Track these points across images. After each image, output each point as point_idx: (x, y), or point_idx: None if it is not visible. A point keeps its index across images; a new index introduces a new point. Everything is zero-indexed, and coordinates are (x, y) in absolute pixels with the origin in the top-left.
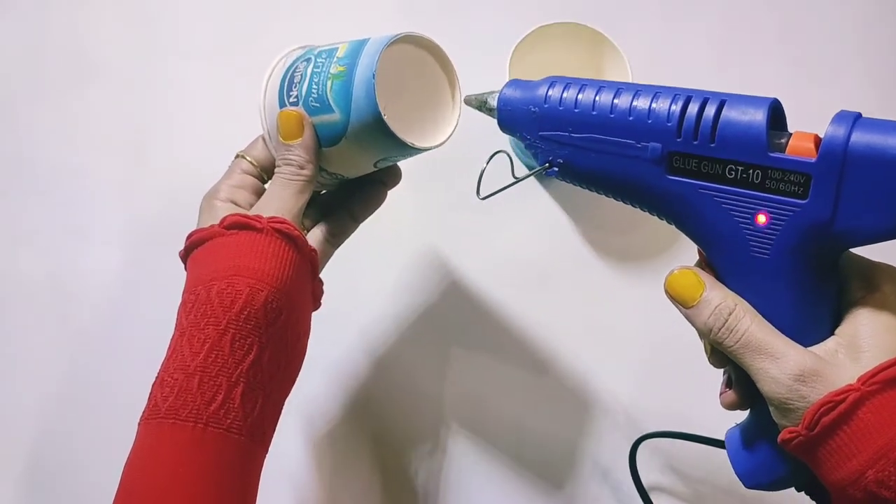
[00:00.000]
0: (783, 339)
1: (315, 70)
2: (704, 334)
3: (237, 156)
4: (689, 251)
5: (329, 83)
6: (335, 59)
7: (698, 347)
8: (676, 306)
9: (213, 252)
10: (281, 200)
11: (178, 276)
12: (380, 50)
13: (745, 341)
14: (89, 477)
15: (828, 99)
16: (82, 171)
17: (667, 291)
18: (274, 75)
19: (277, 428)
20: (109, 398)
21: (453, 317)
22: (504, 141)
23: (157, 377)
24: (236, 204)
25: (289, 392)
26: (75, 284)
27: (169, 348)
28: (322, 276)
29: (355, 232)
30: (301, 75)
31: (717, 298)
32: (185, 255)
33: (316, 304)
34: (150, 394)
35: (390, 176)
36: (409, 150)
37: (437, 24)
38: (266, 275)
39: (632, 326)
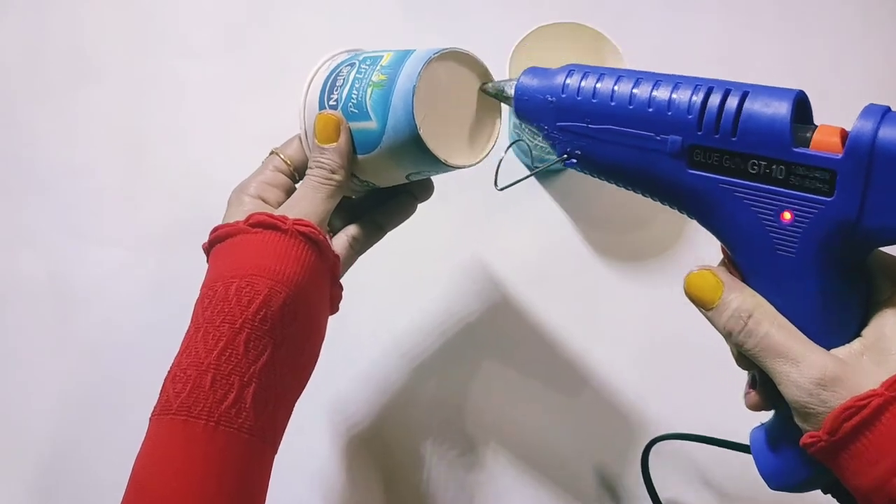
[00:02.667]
0: (805, 341)
1: (358, 76)
2: (725, 337)
3: (271, 152)
4: (692, 251)
5: (369, 91)
6: (379, 66)
7: (702, 347)
8: (698, 308)
9: (236, 249)
10: (309, 203)
11: (178, 275)
12: (423, 63)
13: (764, 345)
14: (90, 476)
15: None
16: (83, 172)
17: (686, 292)
18: (318, 76)
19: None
20: (110, 397)
21: (453, 321)
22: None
23: (169, 371)
24: (265, 201)
25: (299, 395)
26: (76, 284)
27: (183, 342)
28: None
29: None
30: (343, 79)
31: (737, 300)
32: (209, 249)
33: (334, 309)
34: (163, 388)
35: (421, 189)
36: (441, 166)
37: (438, 22)
38: (286, 277)
39: (633, 326)
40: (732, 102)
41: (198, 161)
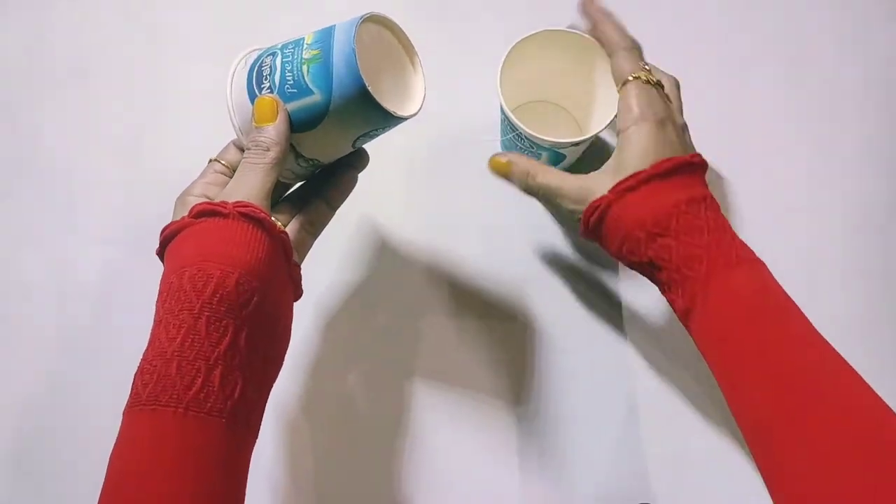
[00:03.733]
0: (567, 176)
1: (285, 60)
2: (521, 189)
3: (210, 160)
4: None
5: (305, 67)
6: (304, 46)
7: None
8: (502, 178)
9: (184, 241)
10: (246, 185)
11: None
12: (354, 27)
13: (544, 188)
14: (90, 476)
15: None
16: (82, 172)
17: (491, 170)
18: (237, 76)
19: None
20: (108, 397)
21: (438, 319)
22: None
23: (137, 368)
24: (209, 199)
25: (274, 377)
26: (75, 284)
27: (148, 340)
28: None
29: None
30: (270, 68)
31: (521, 166)
32: (161, 252)
33: (297, 291)
34: (132, 384)
35: (360, 159)
36: (391, 119)
37: (439, 24)
38: (235, 258)
39: (631, 327)
40: None
41: (198, 161)
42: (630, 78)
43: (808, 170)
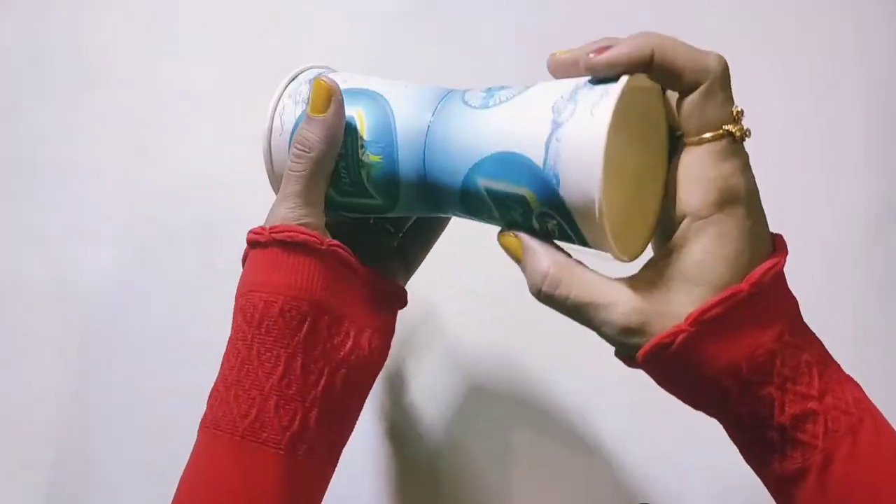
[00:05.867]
0: (606, 284)
1: (341, 150)
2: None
3: None
4: None
5: (363, 172)
6: (360, 139)
7: None
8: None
9: (244, 269)
10: (287, 202)
11: (178, 276)
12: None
13: (570, 300)
14: (90, 476)
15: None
16: (85, 172)
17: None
18: (285, 116)
19: None
20: (112, 397)
21: (438, 308)
22: None
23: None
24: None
25: (352, 403)
26: (77, 285)
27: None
28: None
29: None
30: None
31: (537, 261)
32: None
33: (386, 298)
34: (208, 398)
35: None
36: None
37: (441, 25)
38: (278, 285)
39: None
40: None
41: (199, 162)
42: (718, 132)
43: (807, 170)
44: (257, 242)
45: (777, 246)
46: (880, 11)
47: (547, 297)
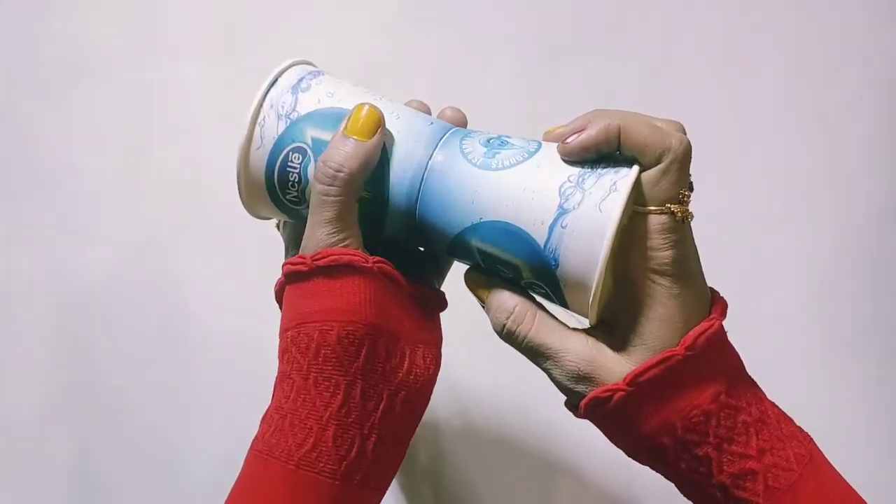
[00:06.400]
0: (565, 334)
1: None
2: (497, 333)
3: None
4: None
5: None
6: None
7: None
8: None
9: (286, 303)
10: (320, 229)
11: (177, 277)
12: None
13: (528, 343)
14: (89, 476)
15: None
16: (82, 172)
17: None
18: (266, 129)
19: None
20: (109, 399)
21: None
22: None
23: (266, 411)
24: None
25: (408, 422)
26: (75, 284)
27: (274, 385)
28: None
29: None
30: (298, 174)
31: (498, 300)
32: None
33: (428, 308)
34: (261, 422)
35: None
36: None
37: (441, 26)
38: (332, 310)
39: None
40: None
41: (198, 161)
42: (662, 208)
43: (807, 170)
44: (299, 273)
45: (714, 308)
46: (881, 11)
47: (508, 334)
